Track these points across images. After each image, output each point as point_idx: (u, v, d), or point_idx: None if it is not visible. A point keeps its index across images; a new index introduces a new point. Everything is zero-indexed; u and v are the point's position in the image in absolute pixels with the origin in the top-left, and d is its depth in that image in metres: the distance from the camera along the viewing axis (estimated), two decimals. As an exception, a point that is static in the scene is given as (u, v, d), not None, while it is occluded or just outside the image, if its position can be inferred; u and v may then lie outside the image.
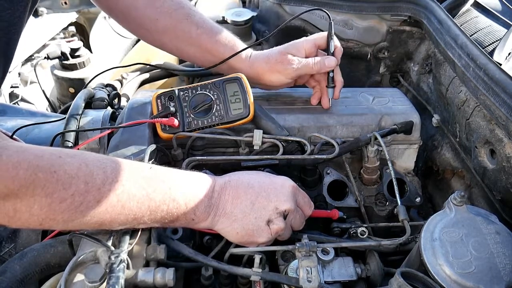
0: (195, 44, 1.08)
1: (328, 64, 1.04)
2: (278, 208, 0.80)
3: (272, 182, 0.83)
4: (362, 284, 0.85)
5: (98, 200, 0.67)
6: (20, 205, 0.62)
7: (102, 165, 0.69)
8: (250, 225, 0.79)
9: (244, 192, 0.80)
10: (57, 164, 0.64)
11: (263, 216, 0.79)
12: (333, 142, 0.99)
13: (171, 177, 0.76)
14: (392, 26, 1.36)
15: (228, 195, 0.79)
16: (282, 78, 1.07)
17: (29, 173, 0.61)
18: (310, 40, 1.07)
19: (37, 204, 0.63)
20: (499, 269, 0.68)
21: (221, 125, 0.98)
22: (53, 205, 0.64)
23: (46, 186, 0.62)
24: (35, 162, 0.62)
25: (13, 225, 0.66)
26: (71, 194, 0.64)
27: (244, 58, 1.09)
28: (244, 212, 0.79)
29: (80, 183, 0.65)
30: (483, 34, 1.14)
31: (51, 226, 0.69)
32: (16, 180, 0.60)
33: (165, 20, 1.05)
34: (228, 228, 0.79)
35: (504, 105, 0.88)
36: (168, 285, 0.71)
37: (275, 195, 0.81)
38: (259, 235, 0.80)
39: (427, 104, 1.31)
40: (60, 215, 0.65)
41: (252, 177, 0.83)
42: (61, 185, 0.63)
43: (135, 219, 0.72)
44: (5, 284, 0.78)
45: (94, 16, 1.86)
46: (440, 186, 1.23)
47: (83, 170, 0.66)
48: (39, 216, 0.64)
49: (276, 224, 0.80)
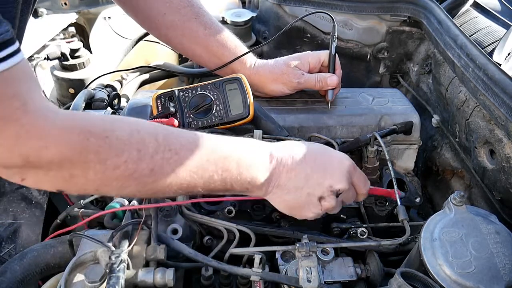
0: (201, 44, 1.08)
1: (330, 83, 1.08)
2: (332, 187, 0.79)
3: (330, 158, 0.82)
4: (362, 284, 0.85)
5: (151, 169, 0.66)
6: (76, 171, 0.62)
7: (154, 132, 0.68)
8: (302, 198, 0.79)
9: (300, 165, 0.78)
10: (109, 130, 0.64)
11: (316, 192, 0.79)
12: (333, 142, 0.99)
13: (226, 146, 0.75)
14: (392, 27, 1.36)
15: (283, 166, 0.78)
16: (284, 88, 1.10)
17: (82, 138, 0.60)
18: (315, 56, 1.10)
19: (92, 170, 0.62)
20: (498, 269, 0.68)
21: (221, 125, 0.98)
22: (107, 172, 0.63)
23: (99, 152, 0.62)
24: (87, 128, 0.62)
25: (71, 190, 0.66)
26: (124, 161, 0.64)
27: (248, 66, 1.10)
28: (298, 186, 0.78)
29: (132, 150, 0.64)
30: (482, 35, 1.14)
31: (107, 192, 0.69)
32: (69, 145, 0.59)
33: (173, 15, 1.05)
34: (279, 199, 0.79)
35: (504, 105, 0.88)
36: (168, 285, 0.71)
37: (331, 172, 0.80)
38: (309, 210, 0.80)
39: (427, 105, 1.31)
40: (114, 181, 0.65)
41: (309, 149, 0.81)
42: (114, 152, 0.63)
43: (188, 188, 0.71)
44: (5, 284, 0.78)
45: (94, 17, 1.86)
46: (440, 186, 1.23)
47: (135, 137, 0.66)
48: (94, 182, 0.64)
49: (328, 201, 0.80)
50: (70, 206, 0.97)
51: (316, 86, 1.09)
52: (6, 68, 0.53)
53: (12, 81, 0.55)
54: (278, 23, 1.47)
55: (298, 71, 1.08)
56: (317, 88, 1.10)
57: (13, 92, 0.55)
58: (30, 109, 0.56)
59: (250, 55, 1.10)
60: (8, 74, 0.54)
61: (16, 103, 0.55)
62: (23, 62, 0.57)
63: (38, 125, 0.57)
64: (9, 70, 0.54)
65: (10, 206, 1.03)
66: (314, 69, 1.11)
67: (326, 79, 1.08)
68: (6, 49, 0.53)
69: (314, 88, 1.11)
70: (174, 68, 1.37)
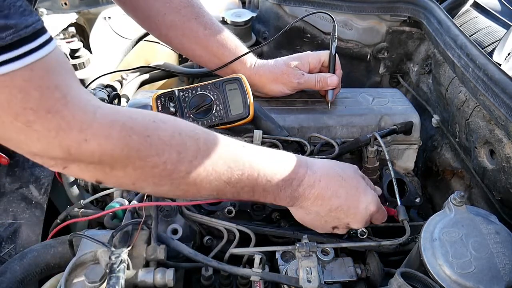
0: (201, 44, 1.08)
1: (330, 83, 1.08)
2: (349, 225, 0.85)
3: (358, 200, 0.83)
4: (362, 285, 0.85)
5: (188, 172, 0.68)
6: (116, 165, 0.63)
7: (195, 136, 0.69)
8: (318, 223, 0.84)
9: (328, 198, 0.81)
10: (151, 129, 0.65)
11: (333, 223, 0.84)
12: (333, 143, 0.99)
13: (261, 160, 0.77)
14: (392, 27, 1.36)
15: (312, 194, 0.81)
16: (285, 88, 1.10)
17: (123, 134, 0.61)
18: (316, 56, 1.11)
19: (131, 166, 0.63)
20: (498, 269, 0.68)
21: (221, 125, 0.98)
22: (146, 169, 0.65)
23: (140, 150, 0.63)
24: (129, 124, 0.62)
25: (108, 183, 0.67)
26: (163, 162, 0.65)
27: (248, 66, 1.10)
28: (319, 212, 0.82)
29: (172, 151, 0.66)
30: (482, 35, 1.14)
31: (142, 188, 0.70)
32: (110, 139, 0.60)
33: (173, 15, 1.05)
34: (298, 215, 0.84)
35: (504, 105, 0.88)
36: (168, 285, 0.71)
37: (354, 214, 0.83)
38: (320, 230, 0.86)
39: (427, 105, 1.31)
40: (151, 178, 0.66)
41: (344, 182, 0.83)
42: (155, 151, 0.64)
43: (218, 195, 0.74)
44: (5, 284, 0.78)
45: (94, 17, 1.85)
46: (440, 187, 1.23)
47: (176, 139, 0.67)
48: (132, 177, 0.65)
49: (340, 231, 0.86)
50: (70, 206, 0.97)
51: (316, 86, 1.10)
52: (43, 56, 0.53)
53: (51, 72, 0.55)
54: (278, 23, 1.47)
55: (298, 71, 1.08)
56: (317, 88, 1.10)
57: (54, 84, 0.55)
58: (70, 101, 0.57)
59: (250, 55, 1.10)
60: (46, 65, 0.54)
61: (57, 95, 0.55)
62: (59, 53, 0.57)
63: (78, 117, 0.57)
64: (47, 60, 0.54)
65: (10, 206, 1.03)
66: (315, 69, 1.11)
67: (326, 79, 1.08)
68: (40, 38, 0.53)
69: (314, 88, 1.11)
70: (174, 68, 1.37)
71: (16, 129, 0.54)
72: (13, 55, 0.50)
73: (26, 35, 0.51)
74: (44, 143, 0.57)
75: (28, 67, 0.52)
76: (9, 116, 0.53)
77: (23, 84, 0.52)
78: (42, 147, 0.57)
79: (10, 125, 0.54)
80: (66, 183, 1.07)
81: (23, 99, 0.52)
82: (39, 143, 0.56)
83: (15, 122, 0.54)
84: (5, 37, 0.49)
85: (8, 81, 0.51)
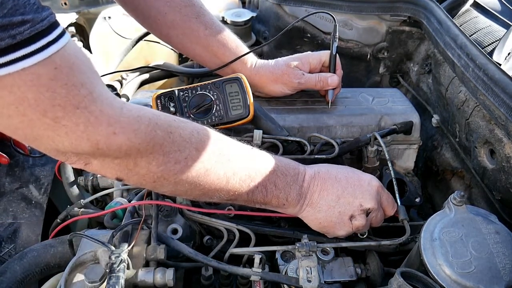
0: (202, 44, 1.08)
1: (331, 83, 1.09)
2: (362, 206, 0.83)
3: (359, 178, 0.84)
4: (362, 284, 0.85)
5: (207, 169, 0.70)
6: (140, 160, 0.64)
7: (208, 135, 0.72)
8: (334, 217, 0.82)
9: (332, 185, 0.82)
10: (173, 126, 0.67)
11: (347, 211, 0.82)
12: (333, 142, 0.99)
13: (269, 162, 0.79)
14: (392, 27, 1.36)
15: (316, 186, 0.82)
16: (285, 89, 1.10)
17: (150, 129, 0.63)
18: (316, 56, 1.11)
19: (155, 161, 0.65)
20: (498, 269, 0.68)
21: (221, 125, 0.98)
22: (169, 165, 0.66)
23: (164, 145, 0.65)
24: (154, 120, 0.65)
25: (129, 180, 0.68)
26: (185, 158, 0.67)
27: (249, 66, 1.10)
28: (329, 204, 0.81)
29: (192, 149, 0.68)
30: (482, 34, 1.14)
31: (162, 186, 0.70)
32: (138, 133, 0.62)
33: (173, 15, 1.05)
34: (312, 217, 0.83)
35: (504, 105, 0.88)
36: (168, 285, 0.71)
37: (361, 192, 0.83)
38: (340, 228, 0.83)
39: (427, 104, 1.31)
40: (173, 176, 0.68)
41: (340, 171, 0.85)
42: (177, 147, 0.67)
43: (234, 196, 0.75)
44: (5, 284, 0.78)
45: (94, 17, 1.86)
46: (440, 186, 1.23)
47: (195, 137, 0.70)
48: (155, 174, 0.66)
49: (358, 220, 0.83)
50: (70, 206, 0.97)
51: (316, 86, 1.10)
52: (60, 47, 0.54)
53: (76, 70, 0.56)
54: (278, 23, 1.47)
55: (299, 71, 1.08)
56: (317, 88, 1.10)
57: (80, 82, 0.56)
58: (97, 98, 0.58)
59: (251, 55, 1.10)
60: (68, 61, 0.55)
61: (83, 92, 0.56)
62: (77, 47, 0.58)
63: (106, 112, 0.59)
64: (67, 55, 0.55)
65: (10, 206, 1.03)
66: (315, 69, 1.11)
67: (327, 79, 1.08)
68: (55, 30, 0.54)
69: (314, 88, 1.11)
70: (174, 68, 1.37)
71: (44, 126, 0.55)
72: (33, 49, 0.51)
73: (43, 28, 0.52)
74: (72, 138, 0.57)
75: (52, 66, 0.53)
76: (37, 113, 0.54)
77: (50, 82, 0.53)
78: (70, 142, 0.58)
79: (38, 122, 0.55)
80: (66, 183, 1.07)
81: (51, 97, 0.54)
82: (67, 138, 0.57)
83: (44, 119, 0.54)
84: (23, 31, 0.50)
85: (35, 80, 0.52)
